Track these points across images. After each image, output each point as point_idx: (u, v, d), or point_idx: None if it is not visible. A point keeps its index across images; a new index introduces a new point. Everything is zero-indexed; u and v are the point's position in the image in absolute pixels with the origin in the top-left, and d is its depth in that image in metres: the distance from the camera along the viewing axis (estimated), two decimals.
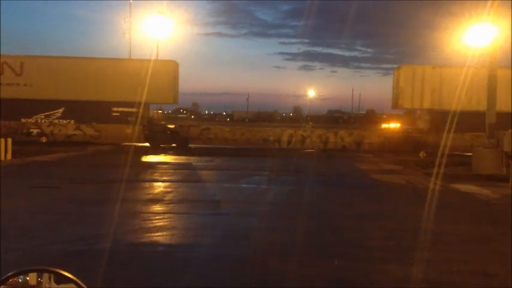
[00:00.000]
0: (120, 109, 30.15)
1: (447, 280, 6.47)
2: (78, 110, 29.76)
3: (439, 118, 29.25)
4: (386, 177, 18.01)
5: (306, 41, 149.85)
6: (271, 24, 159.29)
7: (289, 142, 30.29)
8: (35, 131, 29.85)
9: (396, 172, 19.92)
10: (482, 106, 28.32)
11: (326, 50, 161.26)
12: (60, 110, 30.03)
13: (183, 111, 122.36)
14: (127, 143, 27.51)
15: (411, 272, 6.65)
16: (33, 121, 30.01)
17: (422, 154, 25.85)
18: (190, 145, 29.25)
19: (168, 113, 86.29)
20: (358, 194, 14.40)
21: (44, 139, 29.45)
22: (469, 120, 28.32)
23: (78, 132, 30.11)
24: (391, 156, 25.94)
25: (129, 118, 29.64)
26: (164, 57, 39.05)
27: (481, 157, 19.23)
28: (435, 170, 17.43)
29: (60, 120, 30.17)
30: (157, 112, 53.88)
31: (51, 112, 30.12)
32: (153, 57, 39.35)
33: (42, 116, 30.14)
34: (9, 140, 20.62)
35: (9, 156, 20.34)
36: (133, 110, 29.47)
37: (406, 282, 6.33)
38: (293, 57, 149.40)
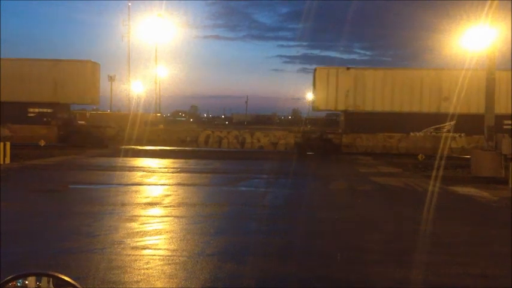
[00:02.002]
0: (37, 110, 30.32)
1: (447, 282, 6.47)
2: None
3: (353, 119, 29.84)
4: (383, 179, 18.01)
5: (305, 43, 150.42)
6: (270, 27, 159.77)
7: (206, 143, 30.67)
8: None
9: (395, 175, 19.91)
10: (397, 107, 29.03)
11: (324, 52, 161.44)
12: None
13: (182, 114, 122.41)
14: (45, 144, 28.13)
15: (410, 274, 6.67)
16: None
17: (421, 157, 25.86)
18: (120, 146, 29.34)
19: (166, 115, 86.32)
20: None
21: (42, 142, 29.44)
22: (383, 121, 28.84)
23: None
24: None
25: (44, 119, 30.03)
26: (163, 60, 39.07)
27: (480, 159, 19.26)
28: (434, 173, 17.45)
29: None
30: (156, 115, 54.06)
31: None
32: (153, 60, 39.29)
33: None
34: (8, 144, 20.61)
35: (8, 159, 20.33)
36: (50, 110, 30.10)
37: (407, 283, 6.35)
38: (292, 60, 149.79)
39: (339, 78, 29.61)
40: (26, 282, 2.05)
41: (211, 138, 30.89)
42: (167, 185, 15.63)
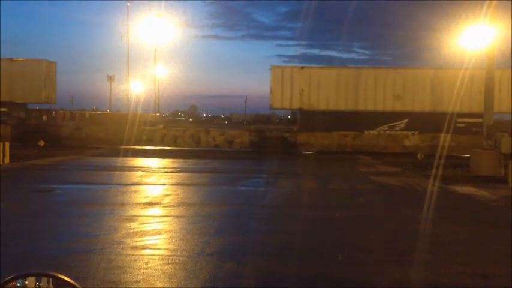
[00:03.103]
0: None
1: (447, 281, 6.48)
2: None
3: (308, 118, 29.97)
4: (384, 179, 18.01)
5: (304, 43, 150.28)
6: (269, 26, 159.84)
7: (161, 142, 30.68)
8: None
9: (395, 174, 19.92)
10: (351, 105, 29.28)
11: (323, 52, 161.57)
12: None
13: (181, 114, 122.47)
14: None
15: (410, 273, 6.67)
16: None
17: (420, 156, 25.87)
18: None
19: (166, 115, 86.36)
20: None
21: (42, 143, 29.45)
22: (337, 120, 29.05)
23: None
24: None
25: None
26: (162, 60, 39.07)
27: (479, 159, 19.27)
28: (433, 172, 17.46)
29: None
30: (155, 115, 54.05)
31: None
32: (152, 60, 39.31)
33: None
34: (7, 144, 20.59)
35: (7, 160, 20.31)
36: (5, 109, 30.36)
37: (407, 283, 6.35)
38: (291, 59, 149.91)
39: (293, 77, 29.83)
40: (26, 282, 2.04)
41: (166, 137, 30.97)
42: (167, 184, 15.64)
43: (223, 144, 30.18)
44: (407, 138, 29.14)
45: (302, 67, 30.28)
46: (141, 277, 6.31)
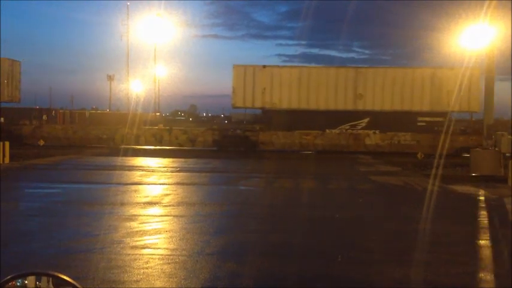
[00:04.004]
0: None
1: (447, 282, 6.48)
2: None
3: (270, 117, 30.24)
4: (384, 179, 18.01)
5: (304, 42, 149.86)
6: (269, 25, 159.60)
7: (122, 140, 30.65)
8: None
9: (394, 174, 19.92)
10: (313, 105, 29.38)
11: (323, 51, 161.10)
12: None
13: (181, 113, 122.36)
14: None
15: (410, 273, 6.68)
16: None
17: (420, 155, 25.89)
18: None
19: (166, 115, 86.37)
20: None
21: (41, 142, 29.46)
22: (300, 119, 29.16)
23: None
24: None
25: None
26: (162, 60, 39.10)
27: (479, 158, 19.25)
28: (433, 172, 17.44)
29: None
30: (155, 114, 54.05)
31: None
32: (152, 60, 39.33)
33: None
34: (7, 144, 20.57)
35: (7, 160, 20.30)
36: None
37: (407, 283, 6.35)
38: (290, 59, 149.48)
39: (256, 76, 29.94)
40: (26, 281, 2.05)
41: (127, 136, 30.98)
42: (167, 184, 15.65)
43: (185, 143, 30.15)
44: (369, 137, 29.35)
45: (264, 66, 30.34)
46: (141, 276, 6.31)
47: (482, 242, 8.92)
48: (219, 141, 29.66)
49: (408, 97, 29.10)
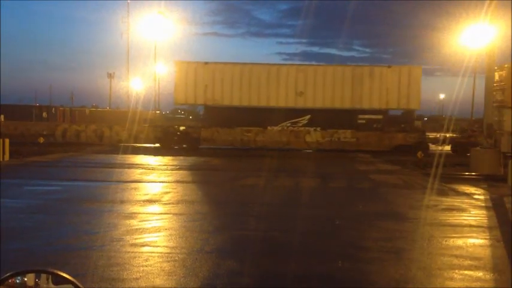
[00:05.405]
0: None
1: (446, 283, 6.49)
2: None
3: (212, 113, 30.25)
4: (384, 177, 18.00)
5: (304, 40, 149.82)
6: (269, 23, 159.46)
7: (63, 136, 30.74)
8: None
9: (394, 172, 19.92)
10: (255, 101, 29.49)
11: (324, 50, 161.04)
12: None
13: (181, 111, 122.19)
14: None
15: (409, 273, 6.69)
16: None
17: (420, 154, 25.87)
18: None
19: (166, 113, 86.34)
20: None
21: (41, 139, 29.46)
22: (241, 115, 29.46)
23: None
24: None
25: None
26: (162, 57, 39.05)
27: (479, 157, 19.27)
28: (433, 171, 17.44)
29: None
30: (155, 112, 54.01)
31: None
32: (153, 57, 39.27)
33: None
34: (7, 141, 20.57)
35: (7, 157, 20.29)
36: None
37: (405, 283, 6.37)
38: (291, 57, 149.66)
39: (197, 73, 29.96)
40: (25, 279, 2.05)
41: (68, 132, 31.08)
42: (165, 182, 15.65)
43: (126, 140, 30.11)
44: (309, 134, 29.55)
45: (206, 63, 30.35)
46: (141, 274, 6.32)
47: (482, 240, 8.91)
48: (161, 138, 29.65)
49: (348, 95, 29.39)
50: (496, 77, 19.71)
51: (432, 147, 29.19)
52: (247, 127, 29.40)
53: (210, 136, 29.48)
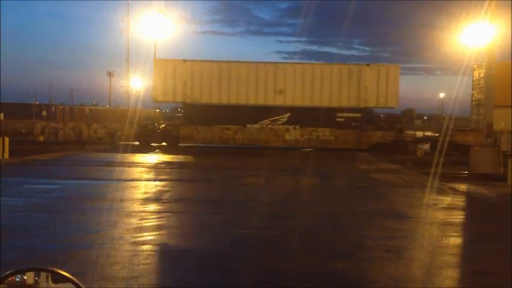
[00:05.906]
0: None
1: (447, 281, 6.49)
2: None
3: (191, 111, 30.22)
4: (385, 177, 18.01)
5: (304, 39, 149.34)
6: (269, 22, 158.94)
7: (42, 134, 30.52)
8: None
9: (395, 171, 19.92)
10: (234, 99, 29.51)
11: (324, 48, 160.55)
12: None
13: (181, 110, 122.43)
14: None
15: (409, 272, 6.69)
16: None
17: (420, 153, 25.87)
18: None
19: (165, 111, 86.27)
20: None
21: (41, 138, 29.45)
22: (220, 113, 29.35)
23: None
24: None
25: None
26: (162, 56, 38.89)
27: (479, 156, 19.23)
28: (433, 170, 17.44)
29: None
30: (155, 111, 53.98)
31: None
32: (152, 56, 39.30)
33: None
34: (7, 139, 20.54)
35: (6, 155, 20.27)
36: None
37: (405, 282, 6.37)
38: (290, 55, 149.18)
39: (176, 70, 29.86)
40: (25, 277, 2.04)
41: (47, 130, 30.97)
42: (165, 181, 15.65)
43: (104, 137, 29.96)
44: (288, 132, 29.63)
45: (185, 60, 30.29)
46: (140, 273, 6.32)
47: (481, 239, 8.90)
48: (140, 136, 29.59)
49: (327, 93, 29.44)
50: (476, 76, 19.71)
51: (411, 146, 29.05)
52: (227, 125, 29.43)
53: (189, 134, 29.49)
